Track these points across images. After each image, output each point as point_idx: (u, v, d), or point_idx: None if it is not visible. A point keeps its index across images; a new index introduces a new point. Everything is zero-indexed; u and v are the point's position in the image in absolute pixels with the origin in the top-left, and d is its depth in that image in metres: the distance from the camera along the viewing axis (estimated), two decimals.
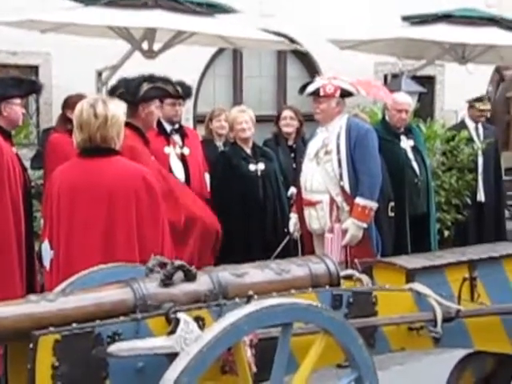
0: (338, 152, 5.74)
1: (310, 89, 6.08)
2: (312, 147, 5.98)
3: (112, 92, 5.11)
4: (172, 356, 2.72)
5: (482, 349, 4.11)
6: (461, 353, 4.26)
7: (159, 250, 3.58)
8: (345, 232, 5.71)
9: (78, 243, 3.62)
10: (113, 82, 5.76)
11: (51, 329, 2.72)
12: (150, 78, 5.25)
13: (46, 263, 3.85)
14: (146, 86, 5.13)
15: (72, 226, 3.67)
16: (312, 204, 5.89)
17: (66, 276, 3.35)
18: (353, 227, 5.67)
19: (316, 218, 5.87)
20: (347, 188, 5.73)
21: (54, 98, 7.20)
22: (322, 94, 5.85)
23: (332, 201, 5.79)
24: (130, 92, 4.92)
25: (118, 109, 3.77)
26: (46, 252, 3.83)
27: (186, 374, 2.59)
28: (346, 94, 5.98)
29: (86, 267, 3.34)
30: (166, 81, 5.56)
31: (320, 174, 5.83)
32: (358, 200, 5.68)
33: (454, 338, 3.82)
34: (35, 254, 4.87)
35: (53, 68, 8.17)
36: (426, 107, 10.79)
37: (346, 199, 5.75)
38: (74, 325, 2.78)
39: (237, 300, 3.07)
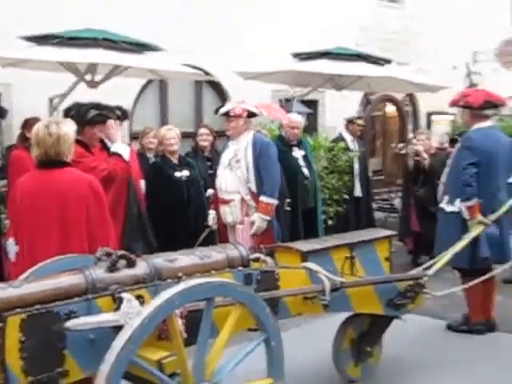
0: (246, 160, 5.80)
1: (223, 110, 6.10)
2: (225, 157, 6.00)
3: (66, 113, 5.05)
4: (118, 328, 2.67)
5: (360, 311, 4.19)
6: (344, 315, 4.31)
7: (106, 243, 3.51)
8: (252, 224, 5.77)
9: (38, 240, 3.52)
10: (62, 107, 5.74)
11: (18, 310, 2.65)
12: (97, 106, 5.22)
13: (12, 256, 3.74)
14: (92, 113, 5.10)
15: (33, 225, 3.57)
16: (226, 202, 5.91)
17: (28, 266, 3.26)
18: (259, 220, 5.73)
19: (230, 213, 5.90)
20: (254, 189, 5.78)
21: (14, 120, 6.97)
22: (232, 114, 5.88)
23: (242, 199, 5.84)
24: (80, 115, 4.85)
25: (68, 129, 3.68)
26: (12, 247, 3.72)
27: (130, 342, 2.56)
28: (251, 114, 6.02)
29: (45, 259, 3.27)
30: (110, 109, 5.52)
31: (232, 178, 5.87)
32: (262, 198, 5.74)
33: (338, 304, 3.88)
34: (2, 249, 4.74)
35: (12, 96, 7.94)
36: (311, 124, 10.94)
37: (253, 198, 5.80)
38: (37, 306, 2.71)
39: (169, 281, 3.05)
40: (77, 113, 5.00)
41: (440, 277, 4.81)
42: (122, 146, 5.05)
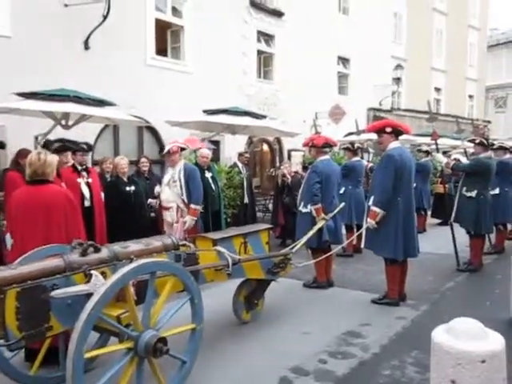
0: (180, 181, 5.66)
1: (165, 150, 5.87)
2: (166, 178, 5.82)
3: (42, 146, 4.92)
4: (89, 295, 2.54)
5: (250, 277, 4.21)
6: (240, 280, 4.30)
7: (78, 236, 3.33)
8: (185, 223, 5.63)
9: (28, 235, 3.30)
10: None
11: (14, 285, 2.47)
12: (61, 140, 5.32)
13: (9, 247, 3.50)
14: (56, 145, 5.09)
15: (24, 225, 3.34)
16: (167, 208, 5.74)
17: (20, 254, 3.06)
18: (189, 220, 5.59)
19: (169, 216, 5.72)
20: (185, 199, 5.63)
21: (8, 151, 6.45)
22: (171, 151, 5.71)
23: (177, 206, 5.68)
24: (47, 147, 4.80)
25: (53, 157, 3.51)
26: (9, 240, 3.48)
27: (98, 304, 2.45)
28: (182, 149, 5.89)
29: (33, 249, 3.07)
30: (74, 142, 5.40)
31: (171, 193, 5.71)
32: (191, 205, 5.59)
33: (237, 273, 3.88)
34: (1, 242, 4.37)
35: (7, 133, 7.33)
36: (216, 156, 10.88)
37: (185, 206, 5.65)
38: (29, 282, 2.52)
39: (124, 261, 2.93)
40: (44, 145, 5.02)
41: (299, 253, 4.91)
42: None
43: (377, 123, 5.26)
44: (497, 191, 7.06)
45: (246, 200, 8.37)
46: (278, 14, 13.40)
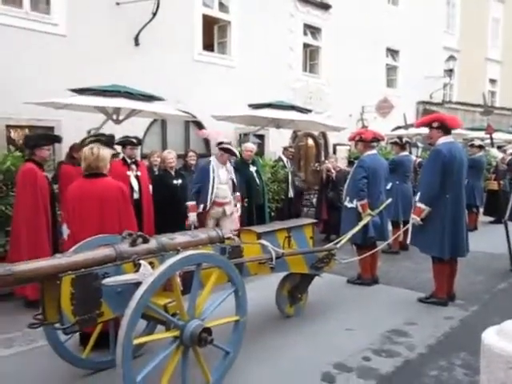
0: (232, 179, 6.05)
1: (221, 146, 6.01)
2: (222, 176, 5.86)
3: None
4: (138, 284, 2.63)
5: (294, 271, 4.22)
6: (283, 274, 4.31)
7: (130, 227, 3.44)
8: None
9: (83, 226, 3.44)
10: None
11: (69, 272, 2.59)
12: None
13: (65, 236, 3.66)
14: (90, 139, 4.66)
15: (79, 217, 3.50)
16: (223, 204, 5.87)
17: (76, 243, 3.19)
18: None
19: (228, 209, 5.89)
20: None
21: (63, 145, 6.72)
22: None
23: (231, 201, 5.96)
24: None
25: (105, 151, 3.62)
26: (65, 230, 3.65)
27: (146, 293, 2.52)
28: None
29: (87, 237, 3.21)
30: (110, 136, 5.05)
31: (228, 190, 5.92)
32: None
33: (280, 267, 3.90)
34: (58, 231, 4.60)
35: (62, 128, 7.68)
36: (261, 150, 10.93)
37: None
38: (82, 269, 2.64)
39: (171, 252, 3.00)
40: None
41: (344, 249, 4.85)
42: None
43: (425, 118, 5.09)
44: None
45: (291, 194, 8.34)
46: (325, 6, 13.21)
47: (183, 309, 2.77)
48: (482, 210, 9.72)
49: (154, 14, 8.63)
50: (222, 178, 5.86)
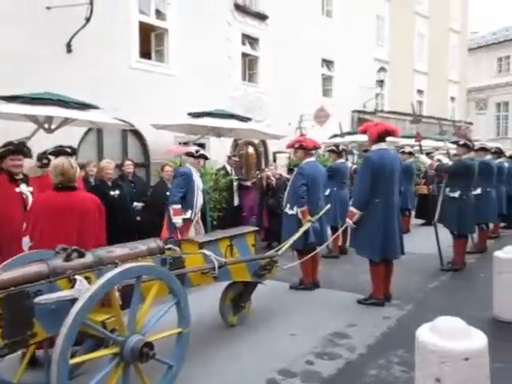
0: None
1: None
2: (200, 183, 6.12)
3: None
4: (73, 300, 2.51)
5: (236, 280, 4.20)
6: (226, 283, 4.29)
7: (104, 238, 3.53)
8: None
9: (58, 239, 3.16)
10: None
11: None
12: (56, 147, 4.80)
13: (26, 248, 3.36)
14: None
15: (54, 229, 3.32)
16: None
17: None
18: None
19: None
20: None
21: None
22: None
23: None
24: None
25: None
26: (27, 243, 3.38)
27: (82, 310, 2.42)
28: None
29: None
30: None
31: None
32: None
33: (223, 276, 3.88)
34: None
35: None
36: None
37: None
38: (12, 288, 2.48)
39: (109, 266, 2.89)
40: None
41: (285, 255, 4.91)
42: None
43: (361, 127, 5.31)
44: (479, 191, 7.17)
45: (236, 202, 8.32)
46: (262, 17, 13.44)
47: (123, 324, 2.68)
48: (413, 213, 10.26)
49: (88, 20, 8.36)
50: (199, 185, 6.00)
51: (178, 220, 5.78)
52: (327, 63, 16.43)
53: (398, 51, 20.57)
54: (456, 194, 6.28)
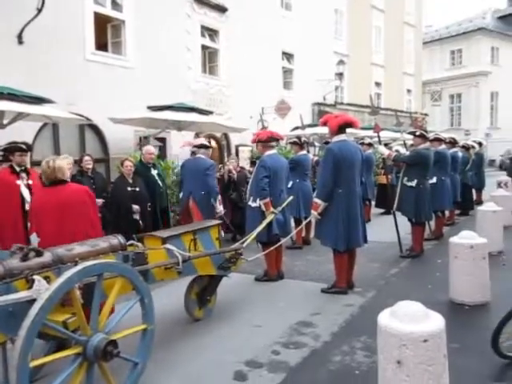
0: None
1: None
2: None
3: None
4: (32, 302, 2.42)
5: (201, 274, 4.18)
6: (191, 277, 4.27)
7: (98, 226, 3.76)
8: None
9: (54, 232, 3.47)
10: None
11: None
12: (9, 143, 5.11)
13: (36, 244, 3.43)
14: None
15: (49, 224, 3.53)
16: None
17: None
18: None
19: None
20: None
21: None
22: None
23: None
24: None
25: (60, 162, 3.67)
26: (35, 238, 3.58)
27: (42, 310, 2.34)
28: None
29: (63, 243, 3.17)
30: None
31: None
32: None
33: (187, 271, 3.84)
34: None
35: None
36: (162, 153, 10.74)
37: None
38: None
39: (68, 264, 2.81)
40: None
41: (250, 247, 4.93)
42: None
43: (324, 117, 5.36)
44: (434, 180, 7.43)
45: None
46: (221, 9, 13.34)
47: (85, 323, 2.61)
48: (373, 202, 10.52)
49: (40, 10, 8.04)
50: None
51: (221, 207, 6.50)
52: (287, 56, 16.52)
53: (356, 44, 20.96)
54: (413, 183, 6.48)
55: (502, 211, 6.82)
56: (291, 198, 5.66)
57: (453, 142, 9.24)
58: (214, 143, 13.81)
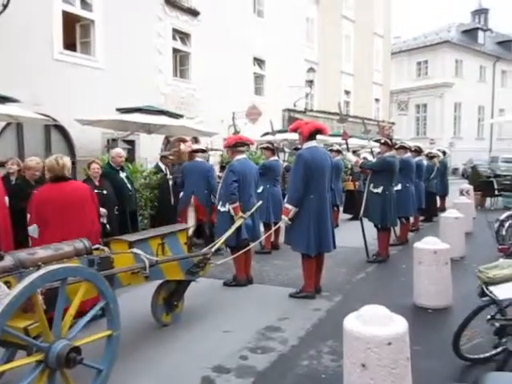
0: None
1: None
2: None
3: None
4: None
5: (169, 279, 4.14)
6: (159, 282, 4.21)
7: (97, 222, 4.22)
8: None
9: (57, 225, 3.85)
10: None
11: None
12: None
13: (36, 236, 3.92)
14: None
15: (60, 217, 3.88)
16: None
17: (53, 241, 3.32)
18: None
19: None
20: None
21: None
22: None
23: None
24: None
25: (66, 159, 4.05)
26: (34, 229, 3.91)
27: (1, 316, 2.25)
28: None
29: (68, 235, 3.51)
30: None
31: None
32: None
33: (155, 275, 3.79)
34: None
35: None
36: (131, 156, 10.58)
37: None
38: None
39: (31, 268, 2.73)
40: None
41: (219, 252, 4.90)
42: None
43: (292, 125, 5.42)
44: (399, 187, 7.60)
45: (173, 201, 8.08)
46: (193, 12, 13.32)
47: (47, 329, 2.54)
48: (341, 208, 10.67)
49: (5, 6, 7.81)
50: None
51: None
52: (259, 62, 16.63)
53: (327, 53, 21.31)
54: (379, 190, 6.62)
55: (463, 218, 7.05)
56: (260, 202, 5.68)
57: (418, 151, 9.51)
58: (183, 147, 13.71)
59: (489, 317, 3.18)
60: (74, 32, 10.65)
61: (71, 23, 10.35)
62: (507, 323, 3.11)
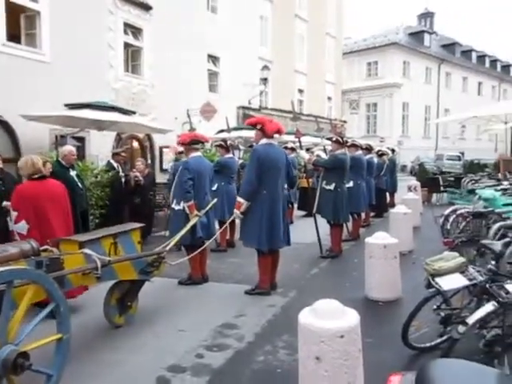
0: None
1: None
2: None
3: None
4: None
5: (123, 278, 4.05)
6: (112, 282, 4.11)
7: (70, 217, 4.49)
8: None
9: (43, 221, 4.08)
10: None
11: None
12: None
13: (25, 232, 4.01)
14: None
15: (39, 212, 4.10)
16: None
17: (40, 237, 3.63)
18: None
19: None
20: None
21: None
22: None
23: None
24: None
25: (36, 159, 4.32)
26: (24, 226, 4.02)
27: None
28: None
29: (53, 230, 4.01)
30: None
31: None
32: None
33: (107, 276, 3.71)
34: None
35: None
36: (81, 153, 10.22)
37: None
38: None
39: None
40: None
41: (173, 251, 4.85)
42: None
43: (253, 119, 5.42)
44: (351, 184, 7.82)
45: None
46: (145, 6, 13.04)
47: None
48: (296, 205, 10.83)
49: None
50: None
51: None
52: (213, 59, 16.53)
53: (280, 51, 21.48)
54: (331, 187, 6.77)
55: (411, 213, 7.35)
56: (215, 200, 5.67)
57: (369, 149, 9.81)
58: (136, 144, 13.43)
59: (435, 307, 3.34)
60: (19, 23, 10.14)
61: (15, 14, 9.84)
62: (451, 312, 3.28)
